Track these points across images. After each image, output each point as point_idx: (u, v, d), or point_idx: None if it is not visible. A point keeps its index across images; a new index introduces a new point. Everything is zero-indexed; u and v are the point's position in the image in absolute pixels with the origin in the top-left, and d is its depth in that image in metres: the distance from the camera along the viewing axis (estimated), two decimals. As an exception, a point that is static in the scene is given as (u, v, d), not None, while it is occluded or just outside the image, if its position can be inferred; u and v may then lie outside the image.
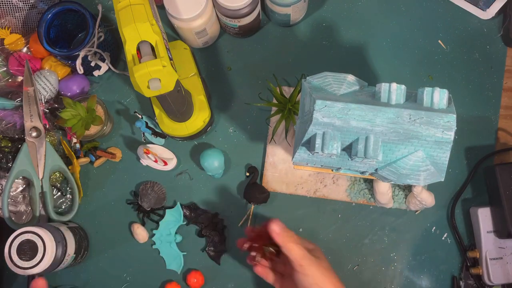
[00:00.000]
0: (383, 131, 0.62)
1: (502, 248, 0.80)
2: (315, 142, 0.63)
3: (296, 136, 0.70)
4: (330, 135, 0.63)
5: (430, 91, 0.63)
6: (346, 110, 0.62)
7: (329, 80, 0.68)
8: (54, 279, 0.86)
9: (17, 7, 0.86)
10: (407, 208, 0.84)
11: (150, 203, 0.86)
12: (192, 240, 0.87)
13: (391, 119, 0.62)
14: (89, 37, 0.80)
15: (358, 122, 0.62)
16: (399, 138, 0.62)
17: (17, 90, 0.87)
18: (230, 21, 0.83)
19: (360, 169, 0.66)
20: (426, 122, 0.61)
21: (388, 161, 0.64)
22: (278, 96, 0.84)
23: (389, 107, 0.62)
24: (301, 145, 0.65)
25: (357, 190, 0.84)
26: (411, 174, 0.64)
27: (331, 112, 0.62)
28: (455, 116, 0.62)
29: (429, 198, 0.79)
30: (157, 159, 0.85)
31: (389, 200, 0.82)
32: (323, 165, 0.68)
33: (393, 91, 0.63)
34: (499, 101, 0.87)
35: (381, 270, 0.84)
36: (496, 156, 0.86)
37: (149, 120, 0.87)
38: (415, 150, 0.63)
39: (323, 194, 0.85)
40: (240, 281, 0.85)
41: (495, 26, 0.89)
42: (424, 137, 0.62)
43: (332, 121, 0.62)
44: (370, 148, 0.62)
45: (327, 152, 0.62)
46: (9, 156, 0.85)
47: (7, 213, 0.81)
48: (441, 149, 0.63)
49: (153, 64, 0.62)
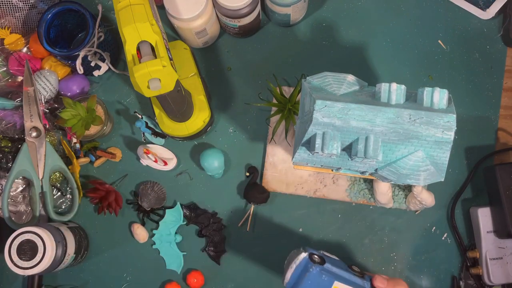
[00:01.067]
0: (383, 131, 0.62)
1: (502, 248, 0.80)
2: (315, 142, 0.63)
3: (296, 136, 0.70)
4: (330, 135, 0.63)
5: (430, 91, 0.63)
6: (346, 110, 0.62)
7: (329, 80, 0.68)
8: (54, 279, 0.86)
9: (17, 7, 0.86)
10: (407, 208, 0.84)
11: (150, 203, 0.86)
12: (192, 240, 0.87)
13: (391, 119, 0.62)
14: (89, 37, 0.80)
15: (358, 122, 0.62)
16: (399, 138, 0.62)
17: (17, 90, 0.87)
18: (230, 21, 0.83)
19: (360, 169, 0.66)
20: (426, 122, 0.61)
21: (388, 161, 0.64)
22: (278, 96, 0.84)
23: (389, 107, 0.62)
24: (301, 145, 0.65)
25: (357, 190, 0.84)
26: (411, 174, 0.64)
27: (331, 112, 0.62)
28: (455, 116, 0.62)
29: (429, 198, 0.79)
30: (157, 159, 0.85)
31: (389, 200, 0.82)
32: (323, 165, 0.68)
33: (393, 91, 0.63)
34: (499, 101, 0.87)
35: (381, 270, 0.84)
36: (496, 156, 0.86)
37: (149, 120, 0.87)
38: (415, 150, 0.63)
39: (323, 194, 0.85)
40: (240, 281, 0.85)
41: (495, 26, 0.89)
42: (424, 137, 0.62)
43: (332, 121, 0.62)
44: (370, 148, 0.62)
45: (327, 152, 0.62)
46: (9, 156, 0.85)
47: (7, 213, 0.81)
48: (441, 149, 0.63)
49: (153, 64, 0.62)
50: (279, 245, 0.85)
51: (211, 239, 0.85)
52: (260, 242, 0.86)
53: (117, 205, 0.86)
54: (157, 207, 0.86)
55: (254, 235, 0.86)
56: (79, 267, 0.87)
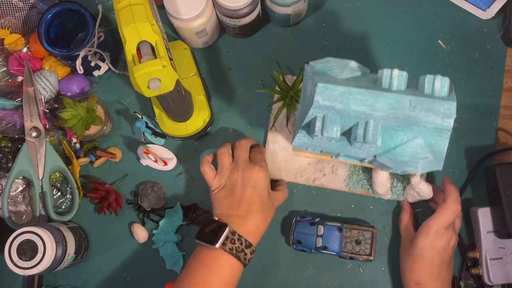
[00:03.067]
0: (383, 116, 0.62)
1: (502, 248, 0.80)
2: (315, 125, 0.63)
3: (297, 120, 0.70)
4: (330, 119, 0.63)
5: (432, 79, 0.63)
6: (347, 94, 0.62)
7: (332, 65, 0.68)
8: (54, 279, 0.86)
9: (17, 7, 0.86)
10: (404, 200, 0.83)
11: (150, 203, 0.86)
12: (192, 240, 0.86)
13: (391, 105, 0.62)
14: (89, 37, 0.80)
15: (359, 106, 0.62)
16: (399, 124, 0.62)
17: (17, 90, 0.87)
18: (230, 21, 0.83)
19: (359, 155, 0.66)
20: (426, 108, 0.61)
21: (387, 147, 0.64)
22: (281, 83, 0.84)
23: (390, 93, 0.62)
24: (301, 128, 0.65)
25: (355, 180, 0.84)
26: (410, 161, 0.64)
27: (332, 95, 0.62)
28: (455, 103, 0.62)
29: (427, 189, 0.79)
30: (157, 159, 0.85)
31: (387, 191, 0.81)
32: (322, 150, 0.68)
33: (394, 77, 0.64)
34: (499, 101, 0.87)
35: (381, 270, 0.84)
36: (496, 156, 0.86)
37: (149, 120, 0.87)
38: (414, 137, 0.63)
39: (322, 183, 0.85)
40: (240, 281, 0.85)
41: (495, 26, 0.89)
42: (423, 123, 0.62)
43: (332, 104, 0.62)
44: (370, 133, 0.62)
45: (327, 135, 0.62)
46: (9, 156, 0.85)
47: (7, 213, 0.81)
48: (440, 136, 0.63)
49: (153, 64, 0.62)
50: (279, 245, 0.86)
51: None
52: (260, 242, 0.86)
53: (117, 205, 0.86)
54: (157, 207, 0.86)
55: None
56: (79, 267, 0.87)
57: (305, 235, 0.80)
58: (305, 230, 0.81)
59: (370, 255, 0.80)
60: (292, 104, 0.84)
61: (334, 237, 0.80)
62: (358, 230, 0.80)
